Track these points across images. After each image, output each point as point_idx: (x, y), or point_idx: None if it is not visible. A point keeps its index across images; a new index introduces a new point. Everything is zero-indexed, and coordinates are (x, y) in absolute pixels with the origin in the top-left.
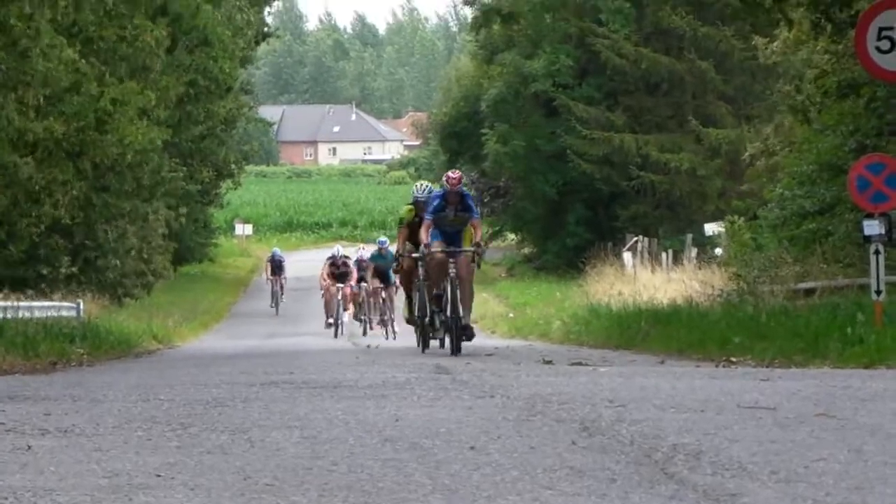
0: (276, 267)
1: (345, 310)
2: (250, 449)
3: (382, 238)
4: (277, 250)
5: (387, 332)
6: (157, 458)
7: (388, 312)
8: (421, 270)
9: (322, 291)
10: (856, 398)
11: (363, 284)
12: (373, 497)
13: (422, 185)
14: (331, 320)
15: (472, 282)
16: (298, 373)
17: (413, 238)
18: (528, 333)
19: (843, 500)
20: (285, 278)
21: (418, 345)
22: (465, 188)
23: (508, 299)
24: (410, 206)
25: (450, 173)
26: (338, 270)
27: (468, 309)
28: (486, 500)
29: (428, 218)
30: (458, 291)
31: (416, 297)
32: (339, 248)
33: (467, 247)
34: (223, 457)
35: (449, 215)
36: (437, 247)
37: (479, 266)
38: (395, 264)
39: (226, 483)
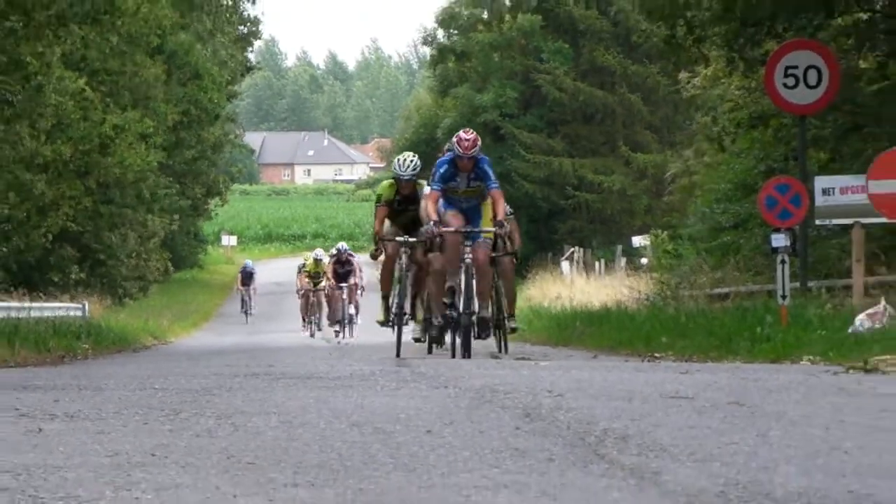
0: (247, 277)
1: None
2: (234, 432)
3: (343, 244)
4: (249, 262)
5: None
6: (152, 439)
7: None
8: (405, 259)
9: (300, 292)
10: (763, 389)
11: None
12: (340, 474)
13: (406, 158)
14: (305, 329)
15: (512, 278)
16: (276, 366)
17: (393, 219)
18: None
19: (751, 478)
20: (255, 288)
21: (397, 349)
22: (481, 154)
23: None
24: (392, 182)
25: (462, 133)
26: (341, 269)
27: (486, 301)
28: (440, 477)
29: (435, 188)
30: (475, 282)
31: (394, 293)
32: (343, 245)
33: (487, 225)
34: (210, 439)
35: (460, 185)
36: (451, 219)
37: (517, 258)
38: (374, 249)
39: (212, 462)
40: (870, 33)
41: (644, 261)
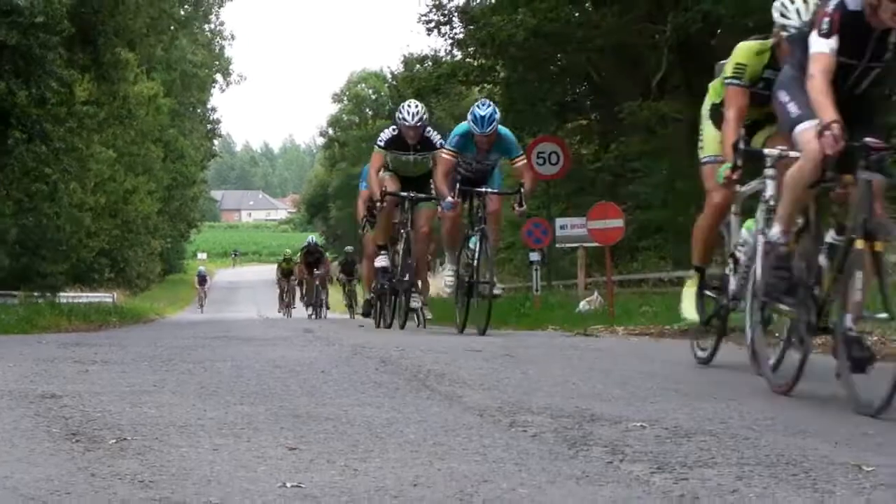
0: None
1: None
2: (204, 372)
3: (312, 237)
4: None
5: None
6: (156, 376)
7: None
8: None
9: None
10: (524, 346)
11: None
12: (268, 397)
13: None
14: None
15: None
16: (231, 332)
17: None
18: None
19: (517, 399)
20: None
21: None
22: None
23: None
24: (395, 128)
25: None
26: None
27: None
28: (329, 399)
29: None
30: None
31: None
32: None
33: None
34: (190, 376)
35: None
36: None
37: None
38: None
39: (191, 390)
40: (589, 133)
41: None
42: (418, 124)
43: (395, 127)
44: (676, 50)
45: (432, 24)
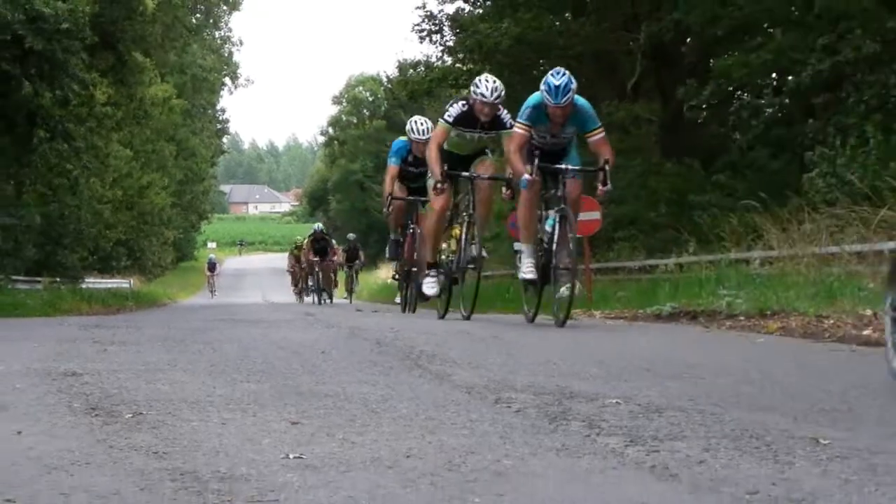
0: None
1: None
2: (213, 352)
3: (318, 224)
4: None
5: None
6: (169, 356)
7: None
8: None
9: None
10: (508, 328)
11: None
12: (273, 375)
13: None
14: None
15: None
16: (238, 315)
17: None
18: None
19: (503, 378)
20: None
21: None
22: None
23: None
24: (465, 103)
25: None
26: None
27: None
28: (329, 377)
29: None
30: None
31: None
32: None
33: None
34: (200, 355)
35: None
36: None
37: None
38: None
39: (201, 368)
40: None
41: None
42: (496, 101)
43: (465, 102)
44: (650, 56)
45: (425, 33)
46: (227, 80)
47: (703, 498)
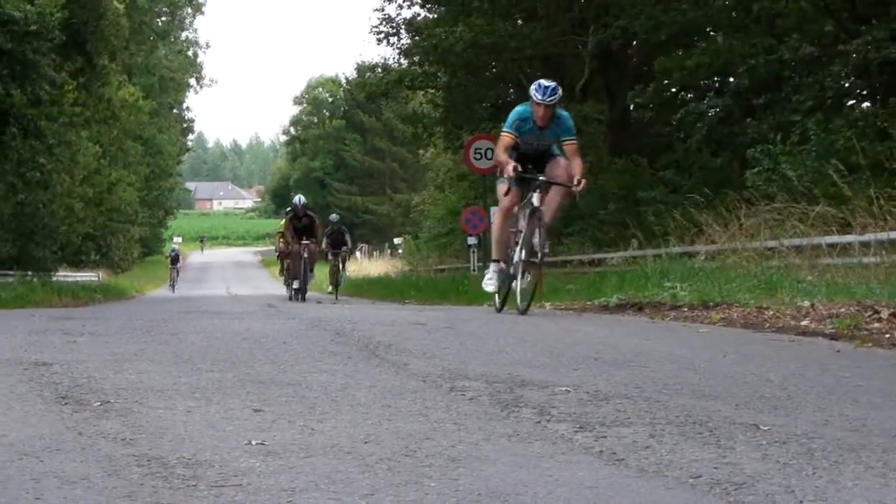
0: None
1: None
2: (179, 343)
3: (300, 196)
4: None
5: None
6: (135, 346)
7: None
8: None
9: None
10: (462, 319)
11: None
12: (236, 365)
13: (546, 83)
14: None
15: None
16: (202, 307)
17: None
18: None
19: (457, 367)
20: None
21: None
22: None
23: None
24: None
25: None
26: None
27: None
28: (290, 366)
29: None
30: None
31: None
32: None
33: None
34: (166, 346)
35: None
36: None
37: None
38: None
39: (167, 359)
40: None
41: (400, 251)
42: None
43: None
44: (598, 59)
45: (382, 35)
46: (192, 80)
47: (650, 481)
